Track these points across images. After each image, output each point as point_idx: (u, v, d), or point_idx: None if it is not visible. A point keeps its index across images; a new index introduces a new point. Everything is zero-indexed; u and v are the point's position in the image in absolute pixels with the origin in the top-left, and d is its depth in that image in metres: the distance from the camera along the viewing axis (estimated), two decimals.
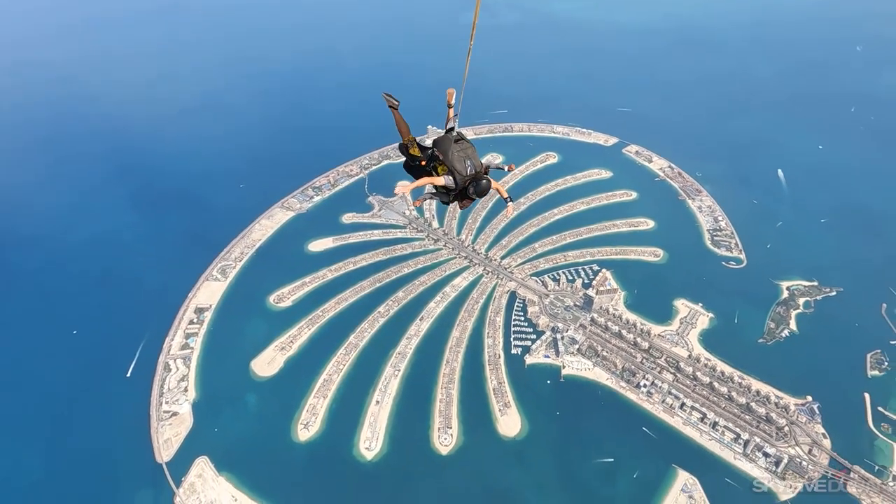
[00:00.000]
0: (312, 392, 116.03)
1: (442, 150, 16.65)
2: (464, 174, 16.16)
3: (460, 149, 16.42)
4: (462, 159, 16.30)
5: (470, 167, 16.27)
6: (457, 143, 16.57)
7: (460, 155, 16.33)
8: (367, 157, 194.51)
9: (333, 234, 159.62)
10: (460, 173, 16.11)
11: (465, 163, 16.24)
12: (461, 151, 16.38)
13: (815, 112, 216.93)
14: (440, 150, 16.73)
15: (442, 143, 16.90)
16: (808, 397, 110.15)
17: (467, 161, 16.28)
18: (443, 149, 16.65)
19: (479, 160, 16.94)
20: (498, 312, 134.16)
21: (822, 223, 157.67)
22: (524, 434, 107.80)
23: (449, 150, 16.39)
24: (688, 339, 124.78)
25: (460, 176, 16.13)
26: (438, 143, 17.03)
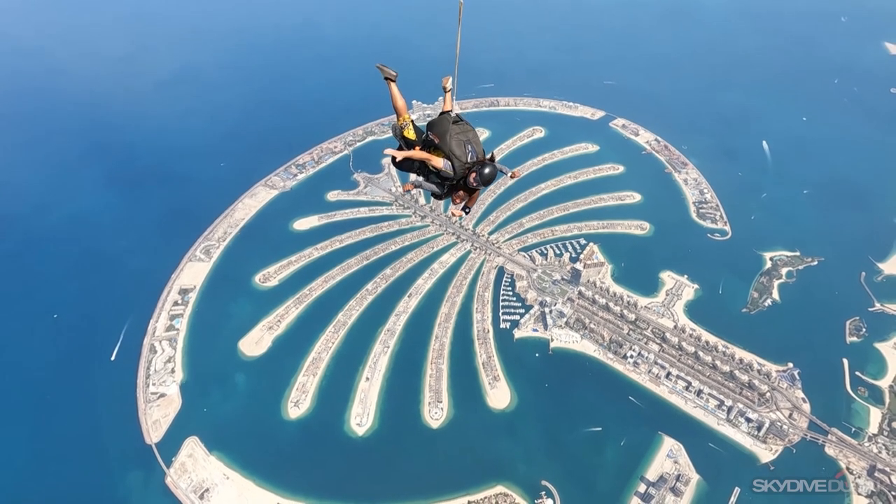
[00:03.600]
0: (302, 370, 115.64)
1: (438, 133, 14.84)
2: (464, 160, 14.42)
3: (459, 131, 14.64)
4: (462, 143, 14.50)
5: (471, 152, 14.51)
6: (455, 125, 14.77)
7: (460, 139, 14.53)
8: (352, 133, 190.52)
9: (319, 212, 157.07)
10: (459, 159, 14.36)
11: (465, 147, 14.47)
12: (461, 134, 14.60)
13: (800, 84, 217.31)
14: (436, 133, 14.94)
15: (438, 126, 15.09)
16: (789, 364, 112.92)
17: (468, 146, 14.51)
18: (439, 131, 14.83)
19: (482, 146, 15.09)
20: (486, 288, 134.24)
21: (805, 194, 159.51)
22: (514, 406, 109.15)
23: (447, 133, 14.58)
24: (673, 311, 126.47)
25: (459, 163, 14.37)
26: (434, 126, 15.24)
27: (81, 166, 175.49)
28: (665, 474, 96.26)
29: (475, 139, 14.75)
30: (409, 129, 16.24)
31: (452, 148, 14.34)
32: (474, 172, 14.38)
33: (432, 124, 15.24)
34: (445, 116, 15.21)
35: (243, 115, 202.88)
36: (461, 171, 14.47)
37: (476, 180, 14.42)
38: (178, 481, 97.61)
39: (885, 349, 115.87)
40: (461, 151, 14.29)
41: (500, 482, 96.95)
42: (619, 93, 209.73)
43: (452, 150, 14.34)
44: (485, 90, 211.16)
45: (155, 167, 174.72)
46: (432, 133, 15.08)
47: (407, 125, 16.28)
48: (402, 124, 16.32)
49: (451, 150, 14.35)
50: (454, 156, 14.28)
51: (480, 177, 14.26)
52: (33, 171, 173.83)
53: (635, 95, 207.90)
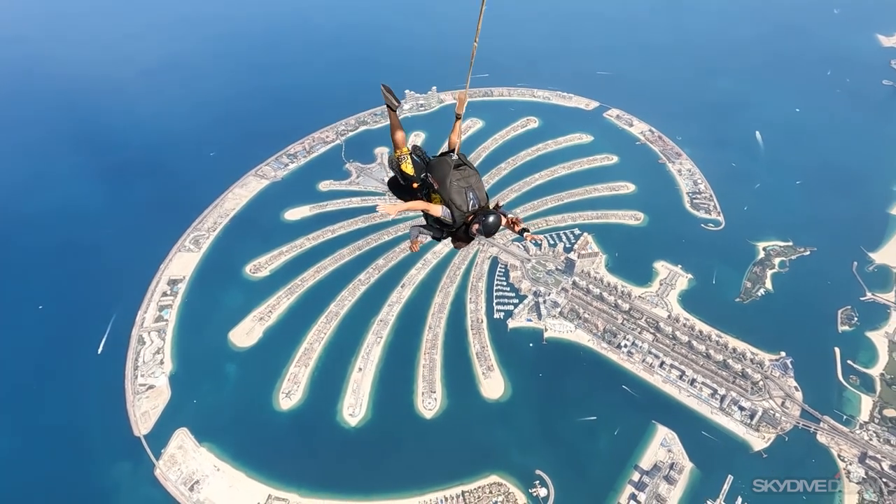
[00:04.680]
0: (293, 361, 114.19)
1: (438, 178, 13.61)
2: (464, 210, 13.20)
3: (460, 177, 13.39)
4: (462, 190, 13.25)
5: (473, 201, 13.30)
6: (457, 170, 13.49)
7: (460, 185, 13.28)
8: (343, 122, 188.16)
9: (310, 202, 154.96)
10: (459, 209, 13.16)
11: (465, 195, 13.23)
12: (461, 181, 13.35)
13: (793, 75, 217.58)
14: (436, 177, 13.73)
15: (437, 169, 13.87)
16: (782, 353, 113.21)
17: (469, 193, 13.27)
18: (438, 176, 13.61)
19: (485, 192, 13.87)
20: (480, 278, 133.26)
21: (798, 185, 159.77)
22: (508, 396, 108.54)
23: (447, 179, 13.32)
24: (667, 300, 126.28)
25: (459, 212, 13.18)
26: (433, 169, 14.06)
27: (67, 155, 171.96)
28: (659, 462, 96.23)
29: (478, 185, 13.58)
30: (406, 163, 14.87)
31: (452, 196, 13.18)
32: (477, 223, 13.15)
33: (432, 167, 14.15)
34: (446, 159, 13.98)
35: (233, 104, 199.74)
36: (461, 221, 13.33)
37: (479, 231, 13.19)
38: (167, 473, 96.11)
39: (876, 338, 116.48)
40: (461, 200, 13.15)
41: (494, 472, 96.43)
42: (614, 83, 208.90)
43: (452, 199, 13.18)
44: (480, 80, 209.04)
45: (142, 156, 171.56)
46: (431, 176, 13.97)
47: (405, 158, 14.93)
48: (400, 157, 15.02)
49: (450, 198, 13.19)
50: (454, 204, 13.12)
51: (484, 227, 13.04)
52: (17, 160, 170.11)
53: (629, 86, 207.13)
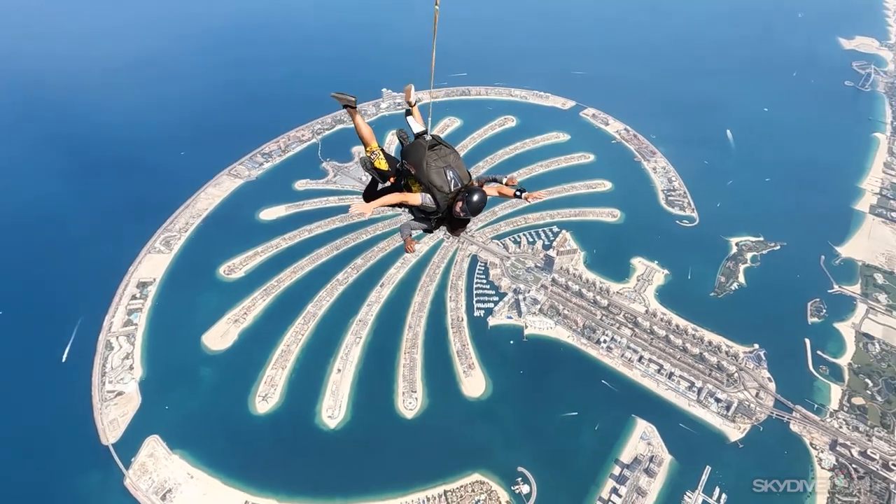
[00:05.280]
0: (270, 363, 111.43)
1: (413, 163, 12.89)
2: (446, 191, 12.47)
3: (437, 157, 12.65)
4: (441, 170, 12.54)
5: (454, 179, 12.56)
6: (432, 151, 12.76)
7: (438, 165, 12.58)
8: (320, 121, 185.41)
9: (286, 201, 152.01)
10: (441, 190, 12.44)
11: (445, 175, 12.51)
12: (439, 161, 12.63)
13: (761, 76, 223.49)
14: (411, 162, 12.99)
15: (412, 153, 13.10)
16: (756, 345, 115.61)
17: (448, 172, 12.56)
18: (414, 160, 12.88)
19: (466, 169, 13.07)
20: (460, 276, 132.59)
21: (767, 182, 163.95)
22: (489, 394, 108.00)
23: (423, 161, 12.60)
24: (645, 296, 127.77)
25: (441, 194, 12.44)
26: (408, 154, 13.28)
27: (29, 155, 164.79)
28: (639, 456, 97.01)
29: (457, 163, 12.80)
30: (379, 160, 14.24)
31: (431, 178, 12.44)
32: (460, 201, 12.34)
33: (406, 152, 13.34)
34: (419, 142, 13.23)
35: (205, 103, 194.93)
36: (445, 203, 12.54)
37: (463, 209, 12.40)
38: (137, 482, 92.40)
39: (843, 329, 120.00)
40: (441, 180, 12.43)
41: (477, 470, 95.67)
42: (589, 83, 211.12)
43: (432, 181, 12.44)
44: (457, 79, 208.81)
45: (110, 156, 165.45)
46: (407, 162, 13.13)
47: (376, 155, 14.29)
48: (371, 154, 14.33)
49: (430, 182, 12.45)
50: (434, 187, 12.38)
51: (468, 205, 12.25)
52: None
53: (605, 86, 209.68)
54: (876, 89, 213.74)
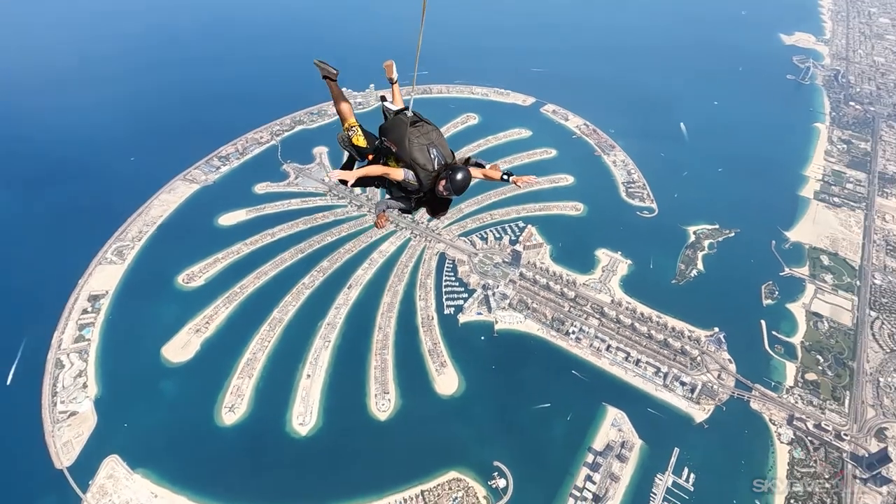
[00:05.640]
0: (236, 373, 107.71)
1: (394, 139, 12.28)
2: (429, 169, 11.86)
3: (419, 133, 12.10)
4: (424, 148, 11.96)
5: (437, 158, 11.96)
6: (414, 127, 12.18)
7: (421, 143, 12.00)
8: (279, 122, 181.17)
9: (246, 205, 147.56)
10: (424, 168, 11.83)
11: (428, 152, 11.93)
12: (421, 137, 12.07)
13: (710, 71, 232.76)
14: (392, 139, 12.37)
15: (393, 129, 12.48)
16: (716, 329, 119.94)
17: (432, 150, 11.97)
18: (395, 136, 12.28)
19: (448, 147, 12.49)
20: (428, 275, 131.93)
21: (720, 172, 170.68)
22: (462, 391, 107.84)
23: (404, 138, 11.99)
24: (610, 286, 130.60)
25: (424, 172, 11.83)
26: (388, 130, 12.63)
27: None
28: (611, 442, 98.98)
29: (440, 140, 12.26)
30: (357, 136, 13.51)
31: (414, 155, 11.83)
32: (444, 180, 11.73)
33: (386, 128, 12.72)
34: (401, 117, 12.64)
35: (156, 106, 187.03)
36: (428, 182, 11.89)
37: (447, 188, 11.78)
38: None
39: (795, 309, 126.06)
40: (424, 158, 11.83)
41: (453, 468, 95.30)
42: (548, 79, 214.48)
43: (414, 158, 11.83)
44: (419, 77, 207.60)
45: (56, 164, 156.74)
46: (388, 139, 12.49)
47: (354, 131, 13.57)
48: (349, 131, 13.59)
49: (412, 159, 11.83)
50: (417, 164, 11.79)
51: (452, 184, 11.66)
52: None
53: (563, 82, 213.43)
54: (815, 82, 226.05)
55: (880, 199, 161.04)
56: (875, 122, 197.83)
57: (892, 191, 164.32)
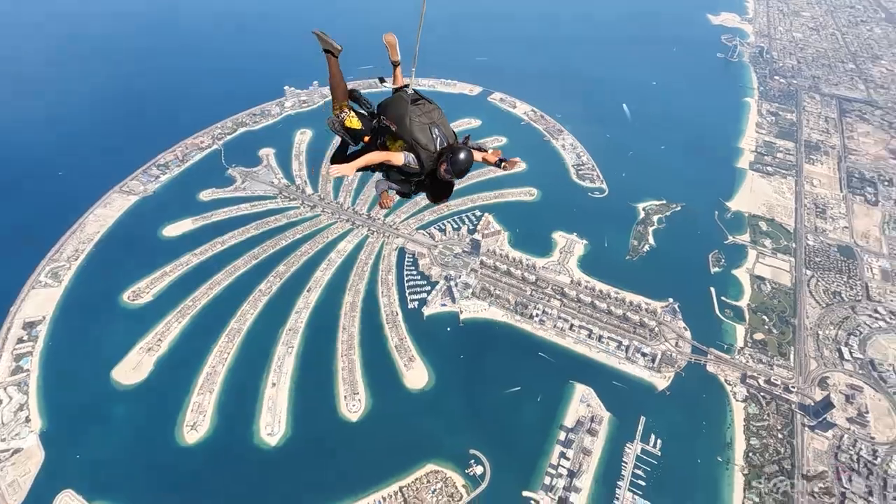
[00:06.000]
0: (195, 389, 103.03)
1: (394, 117, 11.56)
2: (431, 149, 11.25)
3: (421, 112, 11.46)
4: (426, 127, 11.33)
5: (439, 137, 11.38)
6: (415, 105, 11.55)
7: (422, 122, 11.36)
8: (220, 125, 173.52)
9: (192, 214, 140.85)
10: (426, 148, 11.20)
11: (430, 132, 11.31)
12: (422, 116, 11.43)
13: (646, 53, 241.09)
14: (391, 117, 11.63)
15: (393, 107, 11.77)
16: (670, 299, 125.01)
17: (434, 129, 11.37)
18: (395, 114, 11.56)
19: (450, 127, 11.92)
20: (389, 270, 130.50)
21: (662, 149, 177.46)
22: (432, 383, 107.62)
23: (405, 117, 11.32)
24: (568, 267, 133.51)
25: (426, 152, 11.20)
26: (388, 108, 11.87)
27: None
28: (581, 418, 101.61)
29: (441, 120, 11.67)
30: (351, 118, 12.61)
31: (415, 134, 11.17)
32: (445, 162, 11.12)
33: (385, 106, 11.95)
34: (401, 95, 11.94)
35: (84, 115, 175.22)
36: (430, 163, 11.29)
37: (448, 171, 11.18)
38: None
39: (740, 274, 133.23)
40: (426, 138, 11.22)
41: (429, 461, 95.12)
42: (493, 68, 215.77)
43: (416, 138, 11.17)
44: (364, 72, 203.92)
45: None
46: (386, 117, 11.72)
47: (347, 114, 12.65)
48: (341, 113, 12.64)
49: (413, 138, 11.18)
50: (418, 144, 11.16)
51: (453, 166, 11.03)
52: None
53: (508, 71, 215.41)
54: (742, 59, 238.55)
55: (808, 165, 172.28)
56: (798, 94, 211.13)
57: (817, 157, 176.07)
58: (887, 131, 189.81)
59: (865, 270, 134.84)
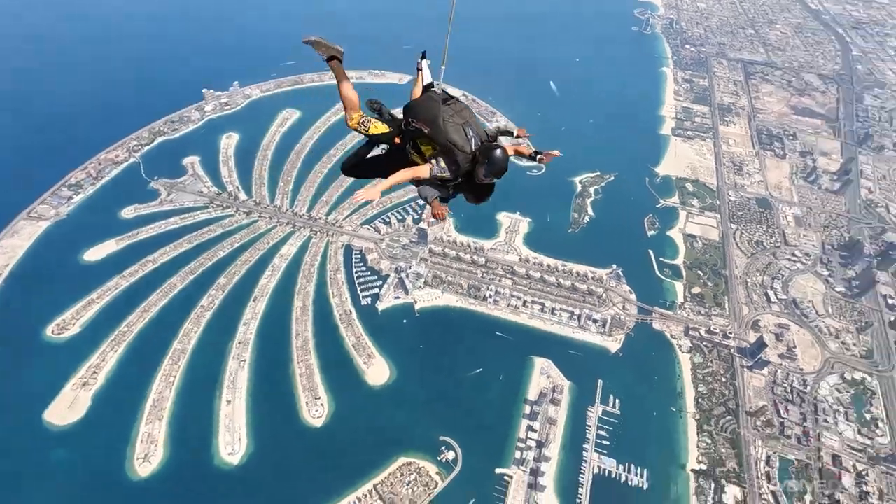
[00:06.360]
0: (142, 419, 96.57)
1: (426, 119, 10.92)
2: (467, 151, 10.61)
3: (453, 112, 10.93)
4: (459, 128, 10.74)
5: (473, 137, 10.74)
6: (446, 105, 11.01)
7: (456, 122, 10.77)
8: (135, 136, 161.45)
9: (115, 234, 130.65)
10: (462, 150, 10.57)
11: (465, 132, 10.69)
12: (455, 116, 10.87)
13: (568, 31, 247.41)
14: (423, 119, 10.99)
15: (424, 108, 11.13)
16: (613, 266, 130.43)
17: (468, 129, 10.76)
18: (427, 116, 10.94)
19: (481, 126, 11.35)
20: (337, 270, 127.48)
21: (591, 123, 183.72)
22: (394, 377, 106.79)
23: (438, 118, 10.70)
24: (515, 246, 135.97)
25: (463, 154, 10.58)
26: (417, 109, 11.21)
27: None
28: (543, 390, 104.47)
29: (472, 119, 11.09)
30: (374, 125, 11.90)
31: (450, 136, 10.57)
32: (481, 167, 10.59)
33: (415, 108, 11.30)
34: (430, 95, 11.40)
35: None
36: (466, 165, 10.70)
37: (486, 174, 10.66)
38: None
39: (674, 234, 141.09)
40: (462, 139, 10.62)
41: (401, 454, 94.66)
42: None
43: (452, 140, 10.56)
44: (287, 68, 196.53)
45: None
46: (417, 120, 11.07)
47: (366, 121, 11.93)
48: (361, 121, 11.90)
49: (448, 140, 10.56)
50: (455, 147, 10.53)
51: (491, 167, 10.52)
52: None
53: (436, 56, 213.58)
54: (655, 31, 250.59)
55: (723, 126, 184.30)
56: (707, 60, 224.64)
57: (730, 119, 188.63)
58: (787, 90, 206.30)
59: (781, 218, 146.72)
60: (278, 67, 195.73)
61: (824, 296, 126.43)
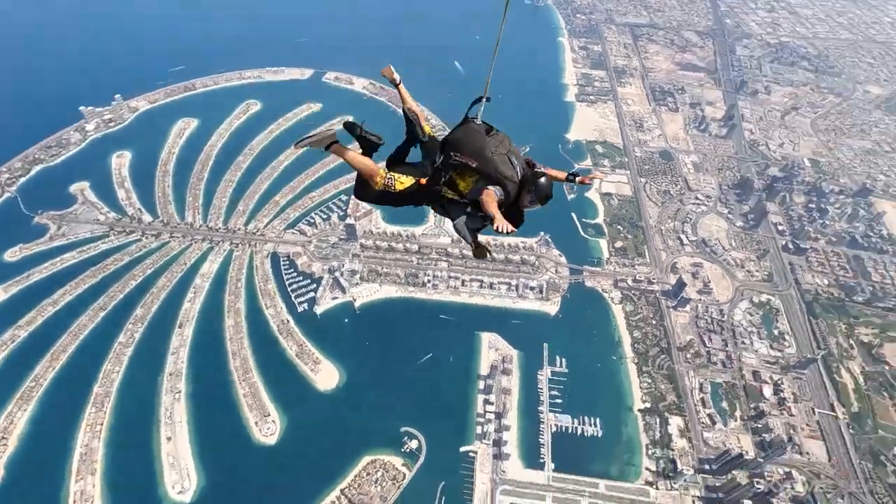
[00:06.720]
0: (72, 476, 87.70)
1: (472, 152, 10.69)
2: (515, 181, 10.60)
3: (498, 142, 10.79)
4: (505, 158, 10.65)
5: (519, 166, 10.70)
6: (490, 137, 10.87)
7: (501, 152, 10.68)
8: (5, 168, 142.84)
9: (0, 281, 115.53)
10: (511, 180, 10.52)
11: (511, 162, 10.62)
12: (500, 146, 10.75)
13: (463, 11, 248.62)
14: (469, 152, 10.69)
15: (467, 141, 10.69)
16: (541, 233, 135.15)
17: (512, 158, 10.69)
18: (473, 148, 10.71)
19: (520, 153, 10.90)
20: (267, 280, 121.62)
21: (500, 97, 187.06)
22: (345, 379, 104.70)
23: (485, 150, 10.59)
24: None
25: (512, 184, 10.57)
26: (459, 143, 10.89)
27: None
28: (494, 363, 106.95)
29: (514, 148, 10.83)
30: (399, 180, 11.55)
31: (500, 168, 10.41)
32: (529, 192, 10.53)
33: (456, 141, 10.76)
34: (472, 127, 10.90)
35: None
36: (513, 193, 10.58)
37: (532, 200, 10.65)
38: None
39: (591, 195, 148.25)
40: (510, 170, 10.51)
41: (364, 453, 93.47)
42: (317, 48, 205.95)
43: (501, 172, 10.43)
44: (175, 74, 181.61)
45: None
46: (462, 154, 10.59)
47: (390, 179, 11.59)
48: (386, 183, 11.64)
49: (499, 173, 10.39)
50: (505, 178, 10.36)
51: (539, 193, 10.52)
52: None
53: (334, 49, 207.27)
54: (547, 2, 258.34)
55: (620, 88, 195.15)
56: (598, 27, 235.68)
57: (626, 80, 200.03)
58: (671, 48, 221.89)
59: (682, 167, 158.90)
60: (165, 75, 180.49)
61: (727, 231, 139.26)
